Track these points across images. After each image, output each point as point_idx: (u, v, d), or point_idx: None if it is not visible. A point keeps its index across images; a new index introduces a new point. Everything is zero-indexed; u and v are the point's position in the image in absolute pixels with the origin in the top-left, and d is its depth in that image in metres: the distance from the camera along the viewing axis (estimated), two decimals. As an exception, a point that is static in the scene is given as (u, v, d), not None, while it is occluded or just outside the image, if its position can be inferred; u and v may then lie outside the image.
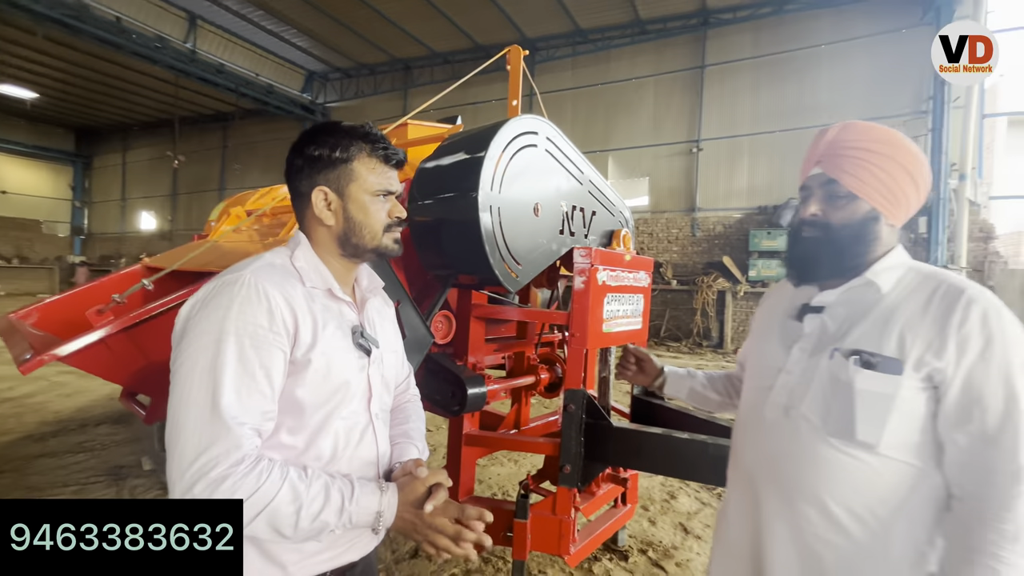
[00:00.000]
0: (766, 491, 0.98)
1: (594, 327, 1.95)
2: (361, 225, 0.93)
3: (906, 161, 0.92)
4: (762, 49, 11.67)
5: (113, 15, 11.94)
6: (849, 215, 0.93)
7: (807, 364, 0.95)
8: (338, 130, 0.93)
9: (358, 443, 0.91)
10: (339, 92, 17.02)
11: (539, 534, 1.94)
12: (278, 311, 0.81)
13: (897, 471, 0.86)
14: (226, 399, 0.74)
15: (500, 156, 1.71)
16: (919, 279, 0.91)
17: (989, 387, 0.81)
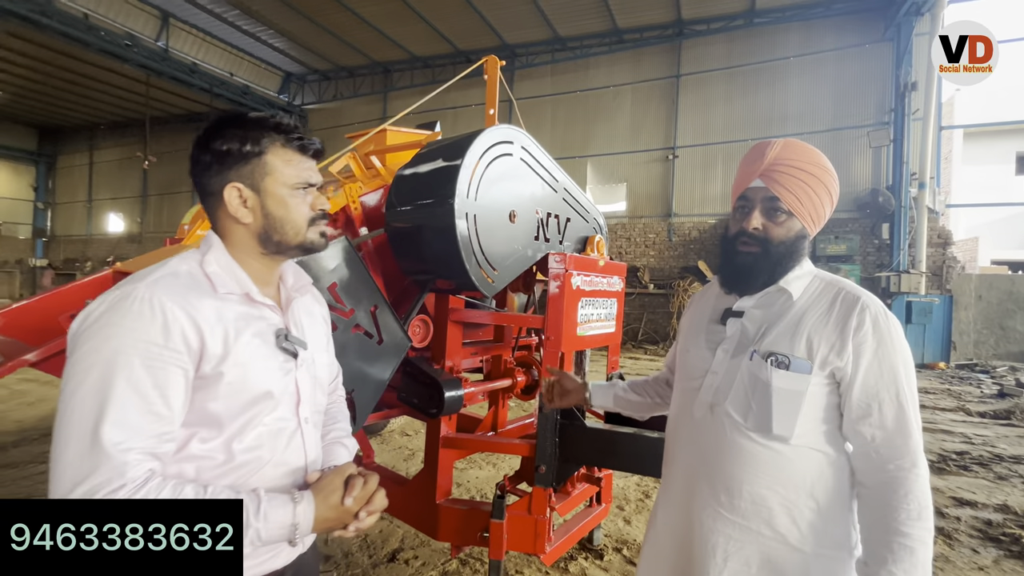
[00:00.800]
0: (698, 485, 1.04)
1: (568, 330, 2.01)
2: (282, 221, 0.88)
3: (831, 185, 1.00)
4: (735, 60, 12.04)
5: (81, 11, 11.62)
6: (786, 232, 1.00)
7: (729, 365, 1.03)
8: (247, 121, 0.87)
9: (285, 448, 0.88)
10: (317, 94, 16.85)
11: (515, 534, 1.98)
12: (175, 326, 0.75)
13: (810, 458, 0.95)
14: (108, 425, 0.70)
15: (476, 164, 1.75)
16: (822, 286, 1.01)
17: (883, 383, 0.91)
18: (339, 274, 1.65)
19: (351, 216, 2.06)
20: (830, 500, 0.94)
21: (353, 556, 2.56)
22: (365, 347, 1.73)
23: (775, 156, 0.99)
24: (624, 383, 1.42)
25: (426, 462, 2.17)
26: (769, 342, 0.98)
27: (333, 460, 0.97)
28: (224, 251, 0.87)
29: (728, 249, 1.06)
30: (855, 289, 0.97)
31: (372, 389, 1.76)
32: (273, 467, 0.86)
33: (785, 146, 1.00)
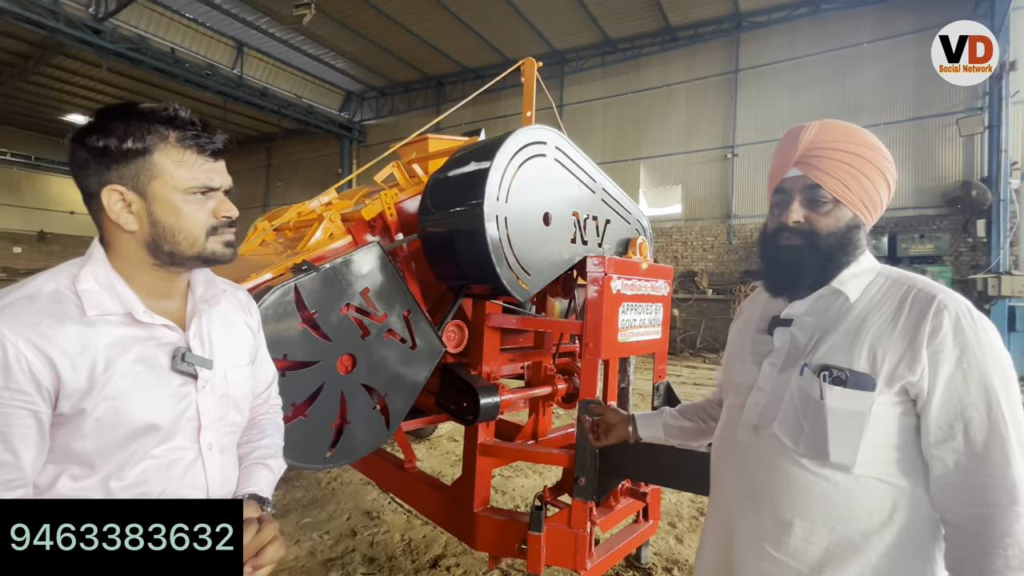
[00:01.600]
0: (742, 517, 0.93)
1: (609, 336, 1.92)
2: (173, 230, 0.77)
3: (884, 166, 0.87)
4: (799, 50, 11.32)
5: (168, 46, 12.85)
6: (834, 223, 0.88)
7: (777, 380, 0.90)
8: (131, 113, 0.76)
9: (180, 480, 0.79)
10: (375, 110, 17.61)
11: (554, 548, 1.91)
12: (20, 362, 0.67)
13: (877, 492, 0.80)
14: None
15: (507, 166, 1.72)
16: (888, 285, 0.86)
17: (969, 398, 0.75)
18: (372, 279, 1.67)
19: (387, 222, 2.10)
20: (904, 545, 0.80)
21: (397, 560, 2.58)
22: (398, 352, 1.74)
23: (811, 140, 0.88)
24: (672, 409, 1.29)
25: (464, 469, 2.15)
26: (823, 354, 0.84)
27: (250, 485, 0.88)
28: (106, 263, 0.77)
29: (768, 247, 0.93)
30: (929, 286, 0.82)
31: (405, 394, 1.76)
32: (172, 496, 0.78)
33: (822, 127, 0.90)
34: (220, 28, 13.52)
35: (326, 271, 1.55)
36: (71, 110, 17.09)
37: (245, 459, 0.93)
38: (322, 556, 2.61)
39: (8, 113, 17.85)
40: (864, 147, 0.87)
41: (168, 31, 12.98)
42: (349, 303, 1.60)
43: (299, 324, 1.48)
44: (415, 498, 2.43)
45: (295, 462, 1.46)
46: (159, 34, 12.81)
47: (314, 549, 2.68)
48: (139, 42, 11.90)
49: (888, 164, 0.88)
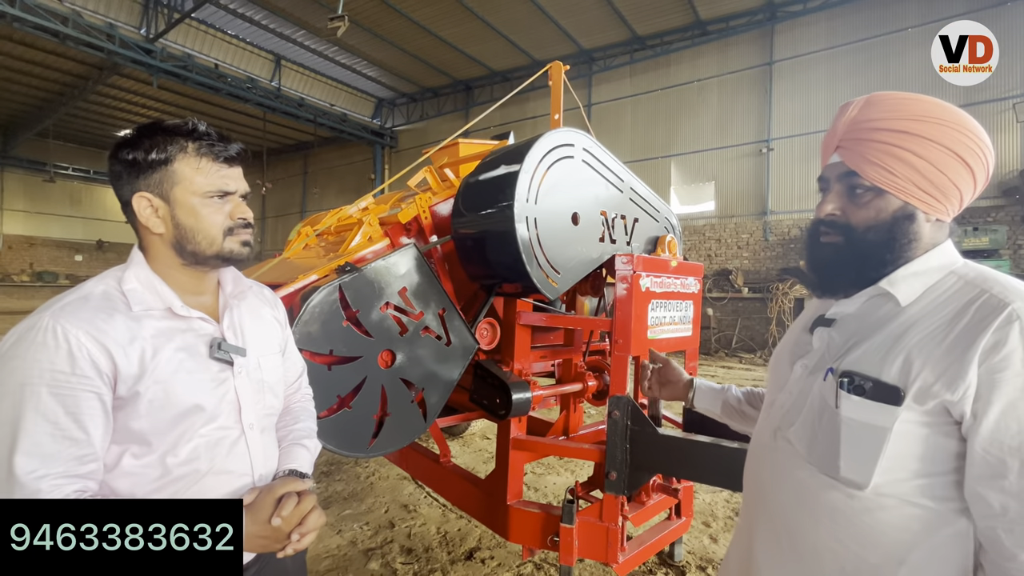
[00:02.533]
0: (757, 519, 0.89)
1: (638, 333, 1.94)
2: (193, 231, 0.86)
3: (952, 141, 0.73)
4: (838, 39, 10.91)
5: (212, 62, 13.53)
6: (874, 214, 0.77)
7: (804, 383, 0.83)
8: (156, 129, 0.86)
9: (227, 456, 0.87)
10: (406, 116, 17.99)
11: (586, 541, 1.94)
12: (82, 353, 0.76)
13: (899, 515, 0.71)
14: (20, 455, 0.71)
15: (535, 169, 1.78)
16: (958, 288, 0.73)
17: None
18: (409, 279, 1.76)
19: (422, 225, 2.19)
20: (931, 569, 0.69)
21: (433, 551, 2.67)
22: (434, 349, 1.82)
23: (852, 119, 0.78)
24: (740, 391, 1.18)
25: (497, 463, 2.22)
26: (853, 359, 0.75)
27: (290, 462, 0.98)
28: (145, 266, 0.87)
29: (809, 243, 0.85)
30: (1009, 292, 0.68)
31: (441, 389, 1.84)
32: (214, 476, 0.86)
33: (867, 104, 0.78)
34: (259, 43, 14.15)
35: (367, 272, 1.65)
36: (125, 126, 18.21)
37: (283, 441, 1.02)
38: (362, 546, 2.73)
39: (69, 131, 19.16)
40: (921, 121, 0.73)
41: (212, 48, 13.68)
42: (388, 302, 1.70)
43: (344, 321, 1.58)
44: (450, 491, 2.51)
45: (341, 451, 1.56)
46: (204, 51, 13.52)
47: (355, 539, 2.80)
48: (186, 60, 12.59)
49: (964, 139, 0.73)
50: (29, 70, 13.90)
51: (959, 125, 0.74)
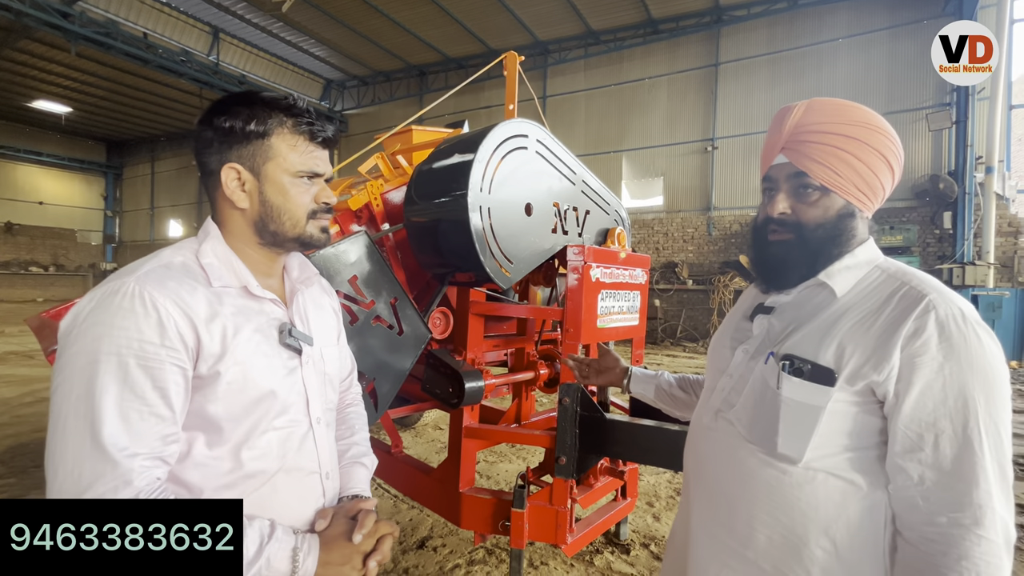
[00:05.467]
0: (695, 496, 0.94)
1: (588, 322, 2.00)
2: (280, 210, 0.82)
3: (883, 145, 0.80)
4: (777, 45, 11.53)
5: (140, 31, 12.47)
6: (822, 212, 0.82)
7: (745, 367, 0.88)
8: (255, 100, 0.81)
9: (297, 452, 0.82)
10: (356, 99, 17.36)
11: (536, 524, 2.00)
12: (170, 323, 0.70)
13: (825, 488, 0.77)
14: (109, 429, 0.65)
15: (490, 158, 1.78)
16: (882, 279, 0.81)
17: (945, 410, 0.70)
18: (359, 267, 1.72)
19: (373, 212, 2.14)
20: (854, 543, 0.75)
21: (384, 542, 2.65)
22: (386, 338, 1.80)
23: (797, 122, 0.82)
24: (672, 376, 1.25)
25: (450, 452, 2.23)
26: (792, 344, 0.81)
27: (352, 486, 0.93)
28: (221, 240, 0.82)
29: (758, 240, 0.89)
30: (924, 284, 0.76)
31: (393, 378, 1.83)
32: (285, 473, 0.80)
33: (809, 108, 0.82)
34: (195, 13, 13.17)
35: (314, 259, 1.60)
36: (38, 96, 16.48)
37: (342, 457, 0.96)
38: (311, 540, 2.67)
39: (-30, 99, 17.15)
40: (859, 127, 0.80)
41: (140, 15, 12.60)
42: (338, 290, 1.66)
43: (289, 310, 1.53)
44: (402, 482, 2.50)
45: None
46: (130, 18, 12.43)
47: (302, 533, 2.73)
48: (109, 26, 11.52)
49: (889, 144, 0.81)
50: (-82, 27, 12.30)
51: (886, 131, 0.81)
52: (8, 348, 8.72)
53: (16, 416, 4.80)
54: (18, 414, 4.87)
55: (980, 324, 0.72)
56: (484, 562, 2.47)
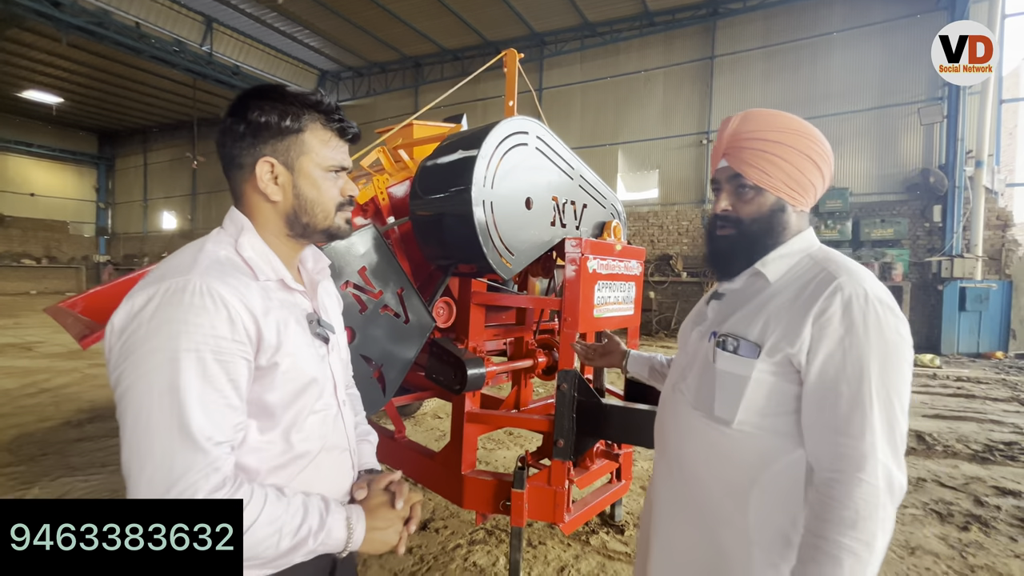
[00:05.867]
0: (658, 458, 1.10)
1: (585, 312, 2.09)
2: (313, 203, 0.85)
3: (808, 148, 0.91)
4: (773, 38, 11.58)
5: (133, 20, 12.33)
6: (757, 208, 0.94)
7: (697, 346, 1.02)
8: (287, 96, 0.82)
9: (332, 431, 0.89)
10: (351, 91, 17.26)
11: (535, 503, 2.10)
12: (238, 318, 0.73)
13: (754, 445, 0.89)
14: (197, 421, 0.68)
15: (492, 154, 1.86)
16: (809, 266, 0.92)
17: (843, 375, 0.81)
18: (368, 259, 1.80)
19: (379, 206, 2.21)
20: (780, 492, 0.88)
21: (388, 524, 2.75)
22: (393, 326, 1.88)
23: (733, 131, 0.95)
24: (665, 358, 1.39)
25: (452, 436, 2.32)
26: (730, 324, 0.94)
27: (365, 461, 1.01)
28: (255, 234, 0.84)
29: (708, 235, 1.03)
30: (838, 269, 0.87)
31: (399, 365, 1.91)
32: (326, 452, 0.86)
33: (744, 118, 0.95)
34: (187, 3, 13.03)
35: (326, 251, 1.68)
36: (29, 86, 16.28)
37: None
38: (317, 522, 2.76)
39: (-42, 88, 16.92)
40: (784, 132, 0.91)
41: (132, 4, 12.44)
42: (348, 280, 1.74)
43: (303, 300, 1.61)
44: (406, 465, 2.59)
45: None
46: (122, 8, 12.27)
47: (309, 516, 2.83)
48: (101, 16, 11.39)
49: (815, 145, 0.91)
50: (-95, 15, 12.11)
51: (812, 136, 0.92)
52: (5, 340, 8.73)
53: (19, 407, 4.85)
54: (21, 404, 4.92)
55: (883, 303, 0.83)
56: (484, 542, 2.58)
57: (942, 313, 9.37)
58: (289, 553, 0.75)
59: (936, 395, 6.11)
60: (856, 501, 0.77)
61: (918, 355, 8.57)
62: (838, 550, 0.77)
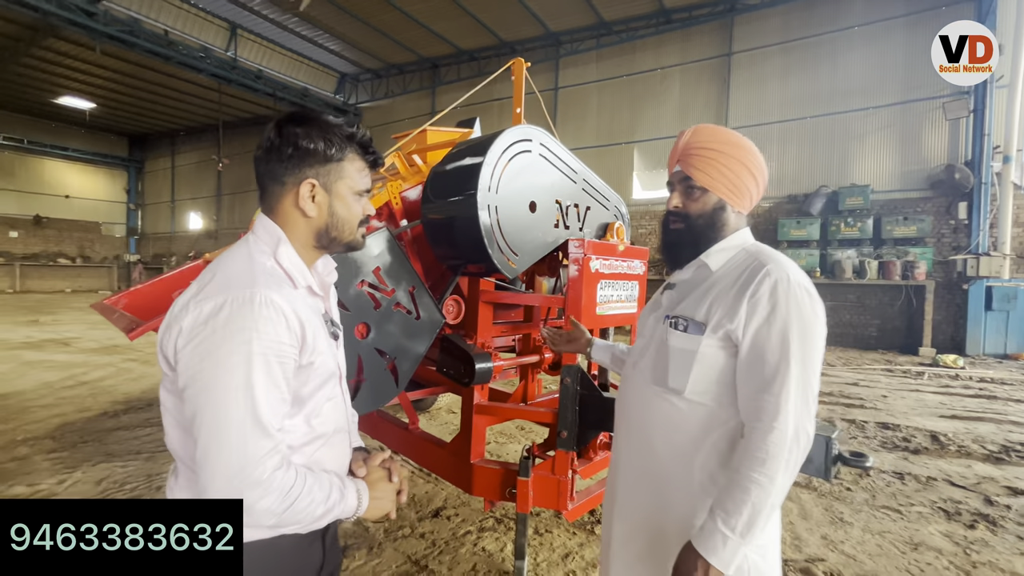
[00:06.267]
0: (621, 430, 1.24)
1: (588, 309, 2.19)
2: (343, 220, 0.97)
3: (745, 159, 1.09)
4: (792, 34, 11.41)
5: (162, 28, 12.81)
6: (702, 206, 1.11)
7: (653, 329, 1.18)
8: (331, 127, 0.93)
9: (338, 416, 1.02)
10: (370, 92, 17.56)
11: (540, 491, 2.21)
12: (294, 325, 0.85)
13: (701, 411, 1.06)
14: (266, 413, 0.80)
15: (497, 161, 1.97)
16: (744, 257, 1.08)
17: (769, 345, 0.97)
18: (382, 260, 1.93)
19: (393, 210, 2.35)
20: (717, 455, 1.04)
21: (402, 511, 2.89)
22: (405, 322, 2.01)
23: (686, 142, 1.12)
24: (625, 347, 1.56)
25: (462, 427, 2.44)
26: (680, 308, 1.11)
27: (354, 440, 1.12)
28: (290, 245, 0.94)
29: (663, 228, 1.19)
30: (768, 259, 1.04)
31: (411, 358, 2.04)
32: (336, 433, 0.99)
33: (695, 132, 1.13)
34: (213, 9, 13.45)
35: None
36: (64, 92, 16.99)
37: None
38: (336, 508, 2.92)
39: (0, 97, 17.75)
40: (727, 144, 1.09)
41: (161, 13, 12.91)
42: (363, 280, 1.87)
43: (322, 297, 1.75)
44: (419, 455, 2.73)
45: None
46: (152, 16, 12.75)
47: (328, 503, 2.99)
48: (132, 24, 11.87)
49: (751, 157, 1.10)
50: (-48, 28, 12.80)
51: (749, 149, 1.10)
52: (44, 336, 9.20)
53: (60, 398, 5.16)
54: (62, 396, 5.23)
55: (802, 287, 1.00)
56: (493, 529, 2.70)
57: (967, 313, 9.16)
58: (322, 517, 0.89)
59: (955, 396, 6.02)
60: (768, 444, 0.94)
61: (942, 355, 8.40)
62: (748, 482, 0.94)
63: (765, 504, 0.94)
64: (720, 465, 1.04)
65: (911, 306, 9.73)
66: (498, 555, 2.48)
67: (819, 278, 10.46)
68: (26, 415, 4.56)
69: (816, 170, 11.06)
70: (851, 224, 10.20)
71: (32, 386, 5.57)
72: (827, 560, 2.52)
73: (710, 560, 0.95)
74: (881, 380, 6.95)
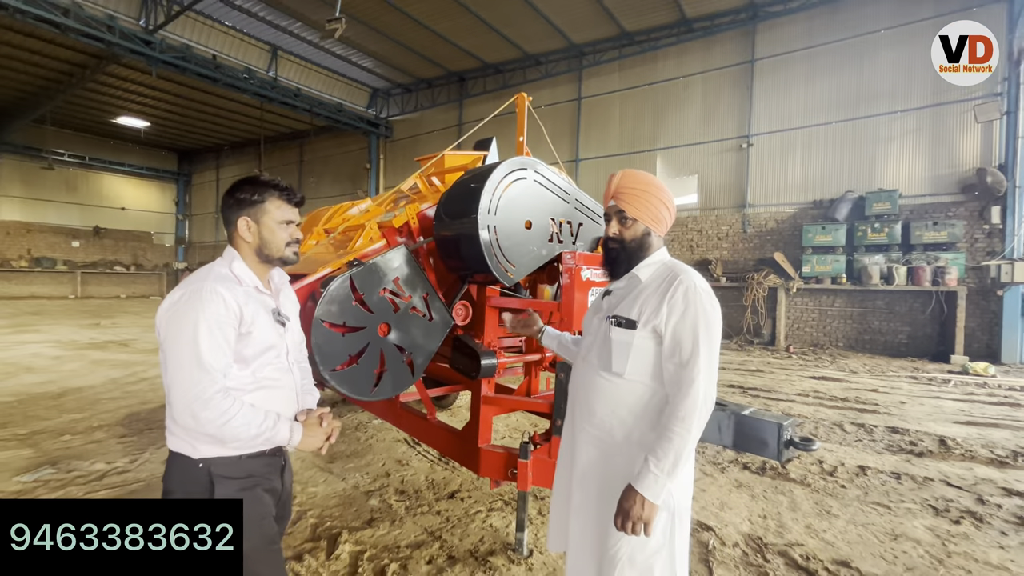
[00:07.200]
0: (576, 412, 1.54)
1: (579, 314, 2.51)
2: (270, 242, 1.38)
3: (662, 196, 1.45)
4: (816, 39, 11.37)
5: (211, 53, 13.81)
6: (634, 232, 1.45)
7: (597, 327, 1.51)
8: (256, 182, 1.38)
9: (285, 376, 1.42)
10: (400, 106, 18.30)
11: (538, 472, 2.52)
12: (231, 304, 1.26)
13: (637, 390, 1.38)
14: (206, 357, 1.19)
15: (495, 188, 2.33)
16: (663, 270, 1.42)
17: (684, 333, 1.30)
18: (400, 271, 2.32)
19: (411, 229, 2.73)
20: (653, 418, 1.36)
21: (422, 493, 3.26)
22: (420, 324, 2.38)
23: (617, 184, 1.48)
24: (572, 336, 1.90)
25: (471, 416, 2.79)
26: (618, 310, 1.43)
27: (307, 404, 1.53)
28: (241, 260, 1.38)
29: (604, 250, 1.53)
30: (681, 271, 1.38)
31: (425, 354, 2.41)
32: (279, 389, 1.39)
33: (623, 176, 1.49)
34: (256, 34, 14.40)
35: (369, 266, 2.20)
36: (122, 113, 18.42)
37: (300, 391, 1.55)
38: (363, 488, 3.32)
39: (66, 117, 19.39)
40: (649, 185, 1.45)
41: (210, 39, 13.93)
42: (385, 287, 2.26)
43: (353, 302, 2.14)
44: (436, 441, 3.09)
45: (352, 394, 2.13)
46: (202, 42, 13.77)
47: (357, 484, 3.38)
48: (184, 51, 12.87)
49: (664, 193, 1.46)
50: (28, 58, 14.16)
51: (662, 188, 1.46)
52: (106, 338, 10.09)
53: (126, 392, 5.80)
54: (127, 390, 5.87)
55: (706, 291, 1.34)
56: (501, 510, 3.03)
57: (1002, 320, 8.93)
58: (257, 437, 1.27)
59: (977, 403, 5.98)
60: (686, 404, 1.27)
61: (972, 363, 8.22)
62: (673, 434, 1.26)
63: (684, 449, 1.26)
64: (651, 428, 1.36)
65: (943, 313, 9.53)
66: (503, 530, 2.80)
67: (845, 284, 10.35)
68: (98, 406, 5.18)
69: (842, 175, 10.96)
70: (878, 229, 10.06)
71: (100, 381, 6.25)
72: (805, 545, 2.74)
73: (645, 494, 1.26)
74: (903, 387, 6.92)
